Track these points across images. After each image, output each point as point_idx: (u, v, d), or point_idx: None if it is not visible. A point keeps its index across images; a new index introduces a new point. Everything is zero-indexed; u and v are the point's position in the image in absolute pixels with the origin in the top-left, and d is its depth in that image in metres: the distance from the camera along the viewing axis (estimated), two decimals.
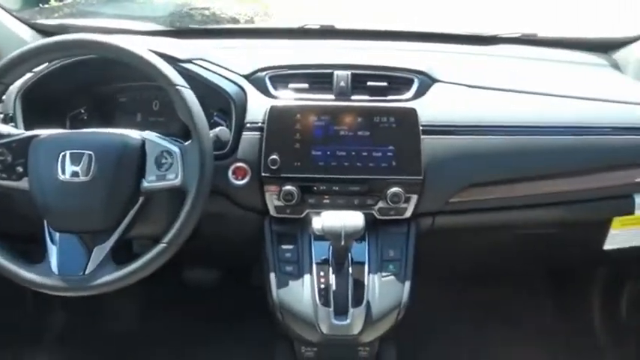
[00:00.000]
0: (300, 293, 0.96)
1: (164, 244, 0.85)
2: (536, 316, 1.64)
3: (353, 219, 0.90)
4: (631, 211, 1.08)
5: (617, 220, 1.09)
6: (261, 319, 1.09)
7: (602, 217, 1.10)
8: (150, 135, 0.89)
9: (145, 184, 0.87)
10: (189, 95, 0.87)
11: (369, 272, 0.97)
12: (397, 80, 1.06)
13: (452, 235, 1.11)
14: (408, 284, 0.98)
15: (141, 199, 0.90)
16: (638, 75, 1.23)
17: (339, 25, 1.39)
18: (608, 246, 1.12)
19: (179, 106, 0.87)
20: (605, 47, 1.36)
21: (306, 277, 0.97)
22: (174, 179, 0.86)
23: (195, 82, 0.95)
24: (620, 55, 1.32)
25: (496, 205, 1.05)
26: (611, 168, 1.06)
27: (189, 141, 0.87)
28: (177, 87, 0.87)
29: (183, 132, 0.95)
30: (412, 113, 0.99)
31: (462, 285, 1.56)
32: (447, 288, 1.52)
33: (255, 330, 1.27)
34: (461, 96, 1.06)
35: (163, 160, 0.86)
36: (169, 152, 0.86)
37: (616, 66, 1.31)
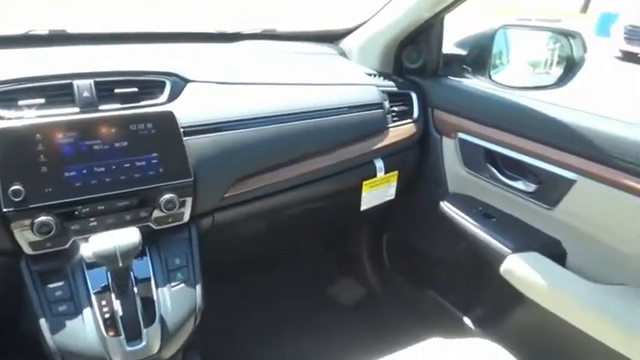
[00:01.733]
0: (82, 331, 0.86)
1: None
2: (324, 279, 1.82)
3: (126, 236, 0.83)
4: (374, 174, 1.28)
5: (365, 184, 1.28)
6: None
7: (355, 183, 1.27)
8: None
9: None
10: None
11: (156, 287, 0.93)
12: (148, 84, 1.02)
13: (233, 229, 1.13)
14: (199, 288, 0.97)
15: None
16: (359, 60, 1.46)
17: (72, 30, 1.25)
18: (363, 207, 1.31)
19: None
20: (331, 38, 1.55)
21: (86, 311, 0.87)
22: None
23: None
24: (344, 44, 1.53)
25: (267, 191, 1.11)
26: (354, 141, 1.23)
27: None
28: None
29: None
30: (170, 116, 0.96)
31: (253, 273, 1.63)
32: (239, 280, 1.56)
33: None
34: (214, 93, 1.08)
35: None
36: None
37: (343, 54, 1.52)
